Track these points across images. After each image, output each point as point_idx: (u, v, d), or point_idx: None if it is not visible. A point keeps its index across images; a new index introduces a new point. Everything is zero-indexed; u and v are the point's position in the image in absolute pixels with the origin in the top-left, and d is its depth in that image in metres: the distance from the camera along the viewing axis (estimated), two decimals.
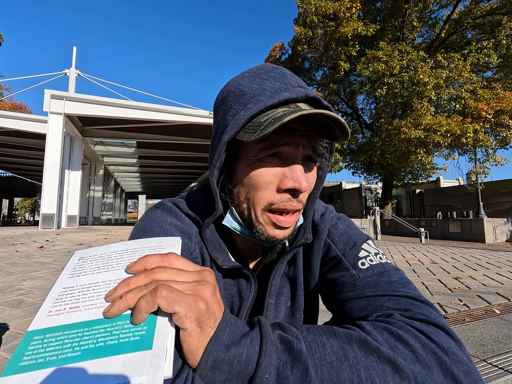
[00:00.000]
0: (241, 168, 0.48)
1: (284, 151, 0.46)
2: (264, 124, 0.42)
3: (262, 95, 0.44)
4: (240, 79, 0.49)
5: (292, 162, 0.46)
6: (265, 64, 0.51)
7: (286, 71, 0.48)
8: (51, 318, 0.29)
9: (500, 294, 2.59)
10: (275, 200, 0.46)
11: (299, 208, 0.47)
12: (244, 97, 0.46)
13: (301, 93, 0.44)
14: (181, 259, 0.34)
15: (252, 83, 0.46)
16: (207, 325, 0.31)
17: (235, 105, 0.46)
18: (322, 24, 14.39)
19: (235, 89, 0.47)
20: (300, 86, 0.47)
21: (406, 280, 0.48)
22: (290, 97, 0.43)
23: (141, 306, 0.28)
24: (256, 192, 0.46)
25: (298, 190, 0.45)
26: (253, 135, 0.42)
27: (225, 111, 0.48)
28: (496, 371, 1.31)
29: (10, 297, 2.38)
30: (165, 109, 13.52)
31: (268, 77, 0.47)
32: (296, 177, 0.44)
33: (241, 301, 0.54)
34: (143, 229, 0.50)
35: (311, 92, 0.45)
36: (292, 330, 0.35)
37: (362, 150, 15.64)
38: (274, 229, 0.47)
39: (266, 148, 0.45)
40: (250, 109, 0.43)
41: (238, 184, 0.49)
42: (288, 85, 0.46)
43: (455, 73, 11.99)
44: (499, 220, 10.87)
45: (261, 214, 0.47)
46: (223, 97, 0.50)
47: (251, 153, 0.46)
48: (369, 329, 0.37)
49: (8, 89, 34.00)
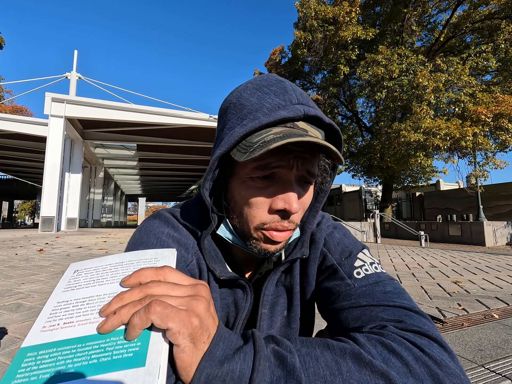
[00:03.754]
0: (234, 184, 0.48)
1: (277, 173, 0.45)
2: (254, 146, 0.41)
3: (259, 111, 0.44)
4: (243, 90, 0.48)
5: (284, 183, 0.45)
6: (269, 75, 0.50)
7: (288, 85, 0.47)
8: (45, 334, 0.29)
9: (499, 298, 2.59)
10: (267, 220, 0.46)
11: (290, 229, 0.47)
12: (242, 111, 0.46)
13: (299, 112, 0.43)
14: (175, 273, 0.34)
15: (252, 97, 0.46)
16: (201, 341, 0.31)
17: (233, 118, 0.46)
18: (322, 28, 14.49)
19: (235, 101, 0.47)
20: (301, 103, 0.45)
21: (400, 290, 0.48)
22: (287, 116, 0.42)
23: (135, 322, 0.28)
24: (249, 210, 0.46)
25: (289, 211, 0.44)
26: (243, 156, 0.42)
27: (224, 123, 0.48)
28: (493, 376, 1.31)
29: (9, 301, 2.37)
30: (166, 112, 13.57)
31: (269, 91, 0.46)
32: (287, 199, 0.44)
33: (237, 311, 0.54)
34: (140, 240, 0.50)
35: (311, 110, 0.44)
36: (286, 344, 0.35)
37: (362, 153, 15.67)
38: (267, 243, 0.47)
39: (258, 168, 0.44)
40: (245, 126, 0.43)
41: (232, 199, 0.49)
42: (287, 102, 0.44)
43: (454, 77, 12.04)
44: (499, 223, 10.87)
45: (254, 231, 0.47)
46: (225, 107, 0.50)
47: (245, 171, 0.46)
48: (363, 341, 0.37)
49: (9, 92, 34.15)
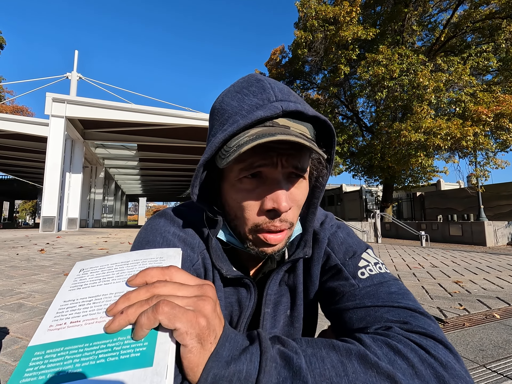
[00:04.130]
0: (226, 188, 0.48)
1: (263, 172, 0.44)
2: (230, 151, 0.41)
3: (238, 115, 0.43)
4: (225, 94, 0.48)
5: (271, 182, 0.44)
6: (250, 76, 0.49)
7: (267, 83, 0.46)
8: (52, 333, 0.29)
9: (500, 298, 2.58)
10: (260, 221, 0.45)
11: (284, 228, 0.46)
12: (223, 116, 0.45)
13: (277, 109, 0.42)
14: (181, 273, 0.34)
15: (233, 100, 0.46)
16: (208, 341, 0.31)
17: (216, 124, 0.47)
18: (322, 28, 14.48)
19: (218, 107, 0.48)
20: (280, 99, 0.44)
21: (405, 291, 0.48)
22: (264, 115, 0.41)
23: (142, 322, 0.28)
24: (242, 213, 0.46)
25: (278, 210, 0.43)
26: (222, 161, 0.42)
27: (210, 128, 0.49)
28: (495, 376, 1.31)
29: (10, 301, 2.37)
30: (166, 112, 13.57)
31: (248, 92, 0.45)
32: (276, 198, 0.43)
33: (240, 310, 0.54)
34: (146, 239, 0.50)
35: (291, 105, 0.43)
36: (291, 345, 0.35)
37: (363, 153, 15.66)
38: (263, 246, 0.47)
39: (243, 169, 0.44)
40: (225, 131, 0.42)
41: (226, 203, 0.49)
42: (265, 101, 0.43)
43: (455, 77, 12.03)
44: (500, 223, 10.86)
45: (249, 233, 0.47)
46: (211, 113, 0.50)
47: (233, 175, 0.46)
48: (369, 342, 0.37)
49: (10, 92, 34.19)
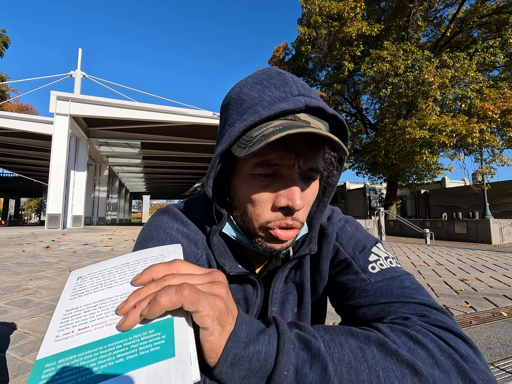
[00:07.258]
0: (237, 182, 0.47)
1: (279, 169, 0.44)
2: (253, 140, 0.40)
3: (259, 105, 0.42)
4: (243, 85, 0.47)
5: (287, 180, 0.44)
6: (270, 68, 0.49)
7: (289, 77, 0.46)
8: (60, 343, 0.28)
9: (507, 296, 2.55)
10: (271, 218, 0.45)
11: (295, 227, 0.46)
12: (242, 106, 0.44)
13: (300, 103, 0.42)
14: (187, 265, 0.34)
15: (252, 91, 0.45)
16: (227, 322, 0.31)
17: (233, 114, 0.46)
18: (326, 24, 14.37)
19: (236, 96, 0.46)
20: (302, 94, 0.44)
21: (418, 286, 0.47)
22: (287, 108, 0.41)
23: (163, 303, 0.27)
24: (253, 208, 0.45)
25: (292, 208, 0.43)
26: (243, 151, 0.41)
27: (225, 119, 0.47)
28: (503, 375, 1.29)
29: (18, 297, 2.40)
30: (170, 110, 13.57)
31: (269, 84, 0.45)
32: (291, 196, 0.43)
33: (247, 308, 0.53)
34: (149, 235, 0.49)
35: (313, 101, 0.43)
36: (309, 329, 0.35)
37: (366, 150, 15.57)
38: (272, 242, 0.47)
39: (259, 165, 0.43)
40: (245, 121, 0.42)
41: (236, 197, 0.48)
42: (288, 94, 0.43)
43: (461, 73, 11.88)
44: (506, 221, 10.73)
45: (259, 229, 0.46)
46: (225, 103, 0.49)
47: (246, 168, 0.45)
48: (387, 331, 0.36)
49: (15, 91, 34.42)
